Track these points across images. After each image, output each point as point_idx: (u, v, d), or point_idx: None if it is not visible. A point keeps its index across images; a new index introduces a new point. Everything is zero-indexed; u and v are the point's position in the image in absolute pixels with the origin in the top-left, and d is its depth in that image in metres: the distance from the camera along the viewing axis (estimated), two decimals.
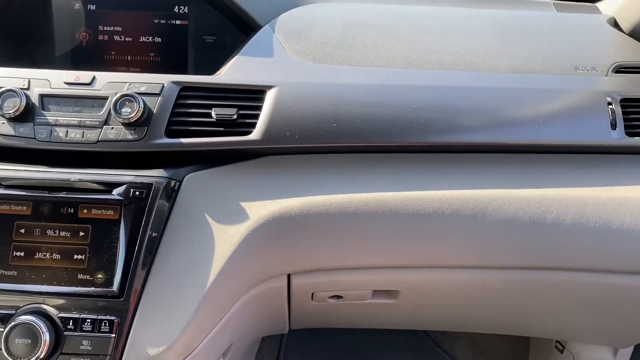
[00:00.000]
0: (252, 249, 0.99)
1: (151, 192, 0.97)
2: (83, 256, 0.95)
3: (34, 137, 0.99)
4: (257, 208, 1.00)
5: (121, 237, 0.95)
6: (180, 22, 1.26)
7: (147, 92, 1.00)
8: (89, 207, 0.97)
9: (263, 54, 1.08)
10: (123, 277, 0.94)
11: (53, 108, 1.01)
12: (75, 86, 1.02)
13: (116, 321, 0.93)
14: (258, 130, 1.01)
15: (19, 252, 0.95)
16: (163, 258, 0.96)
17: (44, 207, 0.97)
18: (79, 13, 1.27)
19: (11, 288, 0.94)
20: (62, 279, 0.95)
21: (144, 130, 0.99)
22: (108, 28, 1.27)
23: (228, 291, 1.00)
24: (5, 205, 0.97)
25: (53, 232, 0.96)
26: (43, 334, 0.89)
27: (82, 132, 0.99)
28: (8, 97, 0.99)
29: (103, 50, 1.28)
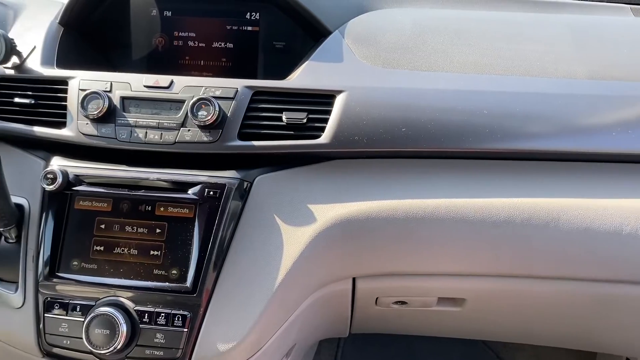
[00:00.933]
0: (319, 251, 1.01)
1: (224, 192, 1.00)
2: (159, 252, 0.99)
3: (115, 137, 1.04)
4: (324, 211, 1.02)
5: (195, 235, 0.99)
6: (251, 29, 1.29)
7: (221, 96, 1.04)
8: (165, 205, 1.01)
9: (333, 59, 1.09)
10: (196, 273, 0.97)
11: (133, 110, 1.06)
12: (154, 89, 1.07)
13: (189, 316, 0.96)
14: (327, 134, 1.02)
15: (99, 246, 1.00)
16: (234, 257, 0.99)
17: (124, 204, 1.02)
18: (156, 19, 1.32)
19: (91, 280, 0.99)
20: (138, 273, 0.99)
21: (219, 133, 1.02)
22: (183, 34, 1.32)
23: (295, 291, 1.02)
24: (87, 201, 1.02)
25: (131, 228, 1.01)
26: (121, 325, 0.94)
27: (160, 134, 1.03)
28: (92, 99, 1.04)
29: (177, 55, 1.33)
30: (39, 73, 1.12)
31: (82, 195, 1.02)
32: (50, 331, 0.98)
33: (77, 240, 1.01)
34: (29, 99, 1.10)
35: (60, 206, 1.02)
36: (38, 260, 1.01)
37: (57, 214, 1.02)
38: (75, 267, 1.00)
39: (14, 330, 1.01)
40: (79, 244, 1.01)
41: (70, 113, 1.07)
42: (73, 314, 0.98)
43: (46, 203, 1.03)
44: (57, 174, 1.00)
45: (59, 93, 1.09)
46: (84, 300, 0.98)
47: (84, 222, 1.02)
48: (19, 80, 1.12)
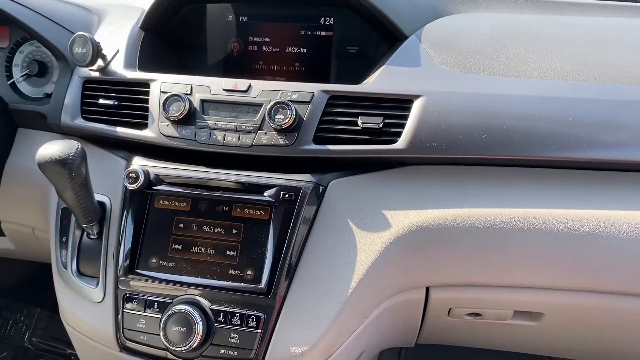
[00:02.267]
0: (393, 258, 0.99)
1: (299, 195, 1.00)
2: (235, 252, 1.00)
3: (194, 139, 1.07)
4: (400, 217, 1.00)
5: (270, 236, 0.99)
6: (325, 33, 1.30)
7: (298, 100, 1.04)
8: (242, 207, 1.02)
9: (410, 63, 1.08)
10: (271, 275, 0.97)
11: (212, 113, 1.08)
12: (233, 93, 1.08)
13: (263, 317, 0.96)
14: (404, 139, 1.01)
15: (177, 245, 1.03)
16: (308, 260, 0.99)
17: (202, 205, 1.03)
18: (231, 24, 1.35)
19: (169, 278, 1.01)
20: (214, 272, 1.00)
21: (294, 137, 1.03)
22: (257, 39, 1.33)
23: (369, 298, 1.00)
24: (167, 201, 1.05)
25: (209, 228, 1.02)
26: (197, 323, 0.95)
27: (237, 136, 1.05)
28: (173, 101, 1.07)
29: (251, 59, 1.35)
30: (122, 76, 1.16)
31: (162, 195, 1.05)
32: (128, 326, 1.01)
33: (156, 238, 1.04)
34: (112, 101, 1.14)
35: (141, 205, 1.05)
36: (118, 257, 1.04)
37: (138, 212, 1.05)
38: (154, 264, 1.02)
39: (93, 323, 1.05)
40: (157, 242, 1.03)
41: (151, 114, 1.10)
42: (150, 311, 1.00)
43: (127, 201, 1.06)
44: (139, 174, 1.03)
45: (141, 95, 1.13)
46: (161, 297, 1.00)
47: (163, 220, 1.04)
48: (103, 83, 1.17)
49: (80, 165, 0.94)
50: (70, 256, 1.08)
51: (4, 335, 2.05)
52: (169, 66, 1.27)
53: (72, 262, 1.07)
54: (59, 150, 0.91)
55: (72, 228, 1.10)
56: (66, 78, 1.21)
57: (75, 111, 1.17)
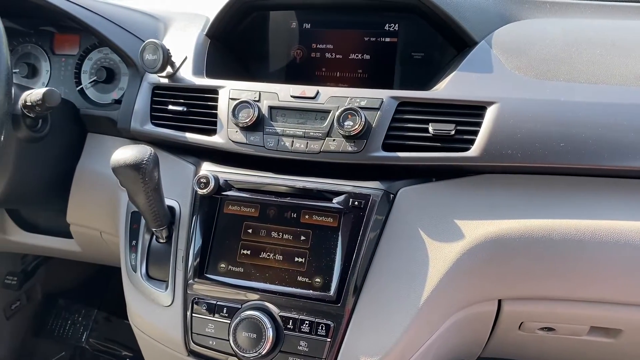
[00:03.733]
0: (466, 269, 0.97)
1: (369, 203, 0.99)
2: (303, 259, 1.00)
3: (262, 145, 1.07)
4: (473, 227, 0.98)
5: (339, 244, 0.98)
6: (389, 40, 1.29)
7: (367, 107, 1.03)
8: (310, 213, 1.01)
9: (482, 69, 1.06)
10: (340, 283, 0.96)
11: (280, 119, 1.08)
12: (301, 99, 1.08)
13: (332, 326, 0.95)
14: (477, 147, 0.98)
15: (245, 250, 1.03)
16: (378, 269, 0.98)
17: (270, 211, 1.04)
18: (295, 31, 1.36)
19: (238, 283, 1.01)
20: (283, 279, 1.00)
21: (363, 143, 1.02)
22: (321, 46, 1.33)
23: (440, 310, 0.98)
24: (236, 206, 1.05)
25: (277, 234, 1.02)
26: (267, 329, 0.95)
27: (306, 143, 1.05)
28: (243, 108, 1.08)
29: (314, 66, 1.35)
30: (191, 82, 1.17)
31: (231, 200, 1.05)
32: (197, 331, 1.01)
33: (224, 243, 1.04)
34: (181, 107, 1.16)
35: (210, 210, 1.06)
36: (187, 261, 1.05)
37: (207, 217, 1.06)
38: (223, 269, 1.03)
39: (162, 327, 1.06)
40: (226, 247, 1.04)
41: (220, 121, 1.11)
42: (219, 315, 1.00)
43: (196, 206, 1.07)
44: (210, 179, 1.04)
45: (209, 102, 1.14)
46: (230, 302, 1.01)
47: (232, 226, 1.05)
48: (172, 89, 1.18)
49: (153, 170, 0.95)
50: (139, 260, 1.10)
51: (63, 335, 2.11)
52: (232, 73, 1.28)
53: (142, 266, 1.09)
54: (133, 155, 0.93)
55: (141, 232, 1.11)
56: (136, 84, 1.23)
57: (144, 117, 1.19)
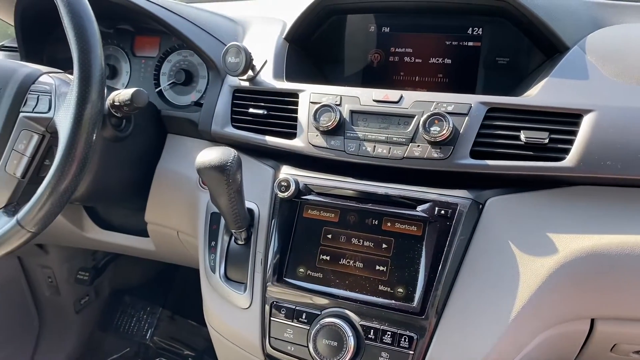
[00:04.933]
0: (558, 286, 0.91)
1: (456, 212, 0.96)
2: (385, 268, 0.97)
3: (343, 150, 1.05)
4: (567, 241, 0.92)
5: (423, 254, 0.95)
6: (472, 44, 1.25)
7: (454, 112, 1.00)
8: (392, 221, 0.99)
9: (577, 75, 1.00)
10: (424, 294, 0.93)
11: (361, 124, 1.06)
12: (384, 104, 1.06)
13: (415, 338, 0.92)
14: (572, 157, 0.93)
15: (325, 255, 1.01)
16: (464, 281, 0.94)
17: (350, 216, 1.02)
18: (372, 35, 1.34)
19: (317, 289, 1.00)
20: (363, 287, 0.98)
21: (450, 150, 0.98)
22: (399, 50, 1.31)
23: (529, 327, 0.93)
24: (315, 210, 1.04)
25: (357, 241, 1.00)
26: (348, 338, 0.93)
27: (388, 148, 1.02)
28: (324, 111, 1.06)
29: (392, 70, 1.32)
30: (271, 86, 1.17)
31: (311, 204, 1.04)
32: (275, 335, 1.01)
33: (303, 247, 1.03)
34: (262, 110, 1.16)
35: (290, 213, 1.05)
36: (266, 264, 1.04)
37: (286, 221, 1.05)
38: (301, 274, 1.02)
39: (239, 329, 1.06)
40: (305, 251, 1.03)
41: (300, 124, 1.10)
42: (299, 321, 0.99)
43: (276, 209, 1.07)
44: (291, 182, 1.03)
45: (290, 105, 1.14)
46: (309, 307, 0.99)
47: (311, 230, 1.03)
48: (253, 92, 1.19)
49: (236, 172, 0.95)
50: (218, 261, 1.10)
51: (128, 331, 2.16)
52: (309, 76, 1.28)
53: (220, 267, 1.09)
54: (217, 157, 0.93)
55: (221, 233, 1.12)
56: (216, 87, 1.25)
57: (225, 119, 1.20)
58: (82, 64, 0.88)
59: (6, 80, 0.98)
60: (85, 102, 0.88)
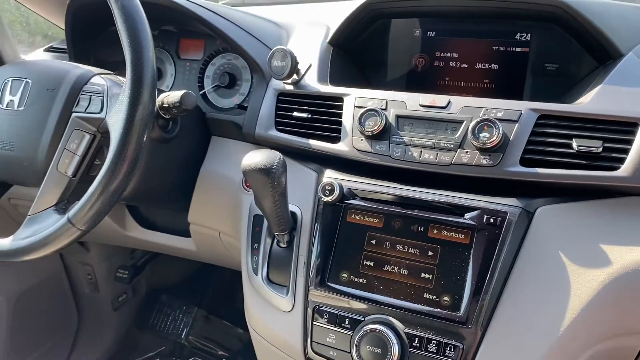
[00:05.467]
0: (612, 299, 0.89)
1: (505, 220, 0.94)
2: (430, 275, 0.96)
3: (388, 154, 1.04)
4: (621, 253, 0.90)
5: (470, 262, 0.94)
6: (520, 50, 1.22)
7: (504, 118, 0.98)
8: (439, 228, 0.97)
9: (632, 83, 0.97)
10: (471, 304, 0.91)
11: (407, 129, 1.05)
12: (431, 109, 1.05)
13: (461, 348, 0.91)
14: (627, 166, 0.90)
15: (369, 261, 1.00)
16: (513, 291, 0.92)
17: (395, 222, 1.01)
18: (417, 40, 1.32)
19: (360, 295, 0.99)
20: (408, 294, 0.96)
21: (499, 157, 0.96)
22: (445, 54, 1.29)
23: (579, 341, 0.91)
24: (359, 215, 1.03)
25: (402, 248, 0.99)
26: (393, 345, 0.92)
27: (435, 154, 1.01)
28: (369, 116, 1.06)
29: (436, 75, 1.31)
30: (316, 89, 1.17)
31: (355, 209, 1.04)
32: (317, 340, 1.00)
33: (347, 252, 1.02)
34: (306, 114, 1.16)
35: (333, 218, 1.05)
36: (309, 268, 1.04)
37: (329, 225, 1.05)
38: (345, 279, 1.01)
39: (280, 332, 1.06)
40: (348, 256, 1.02)
41: (344, 128, 1.10)
42: (341, 326, 0.98)
43: (319, 213, 1.06)
44: (335, 187, 1.03)
45: (334, 109, 1.13)
46: (352, 313, 0.99)
47: (355, 235, 1.03)
48: (297, 96, 1.19)
49: (281, 175, 0.95)
50: (261, 263, 1.10)
51: (164, 330, 2.19)
52: (352, 81, 1.27)
53: (263, 269, 1.09)
54: (263, 160, 0.93)
55: (263, 235, 1.12)
56: (261, 90, 1.25)
57: (269, 123, 1.20)
58: (134, 65, 0.89)
59: (60, 80, 1.01)
60: (137, 103, 0.89)
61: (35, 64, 1.07)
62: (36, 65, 1.06)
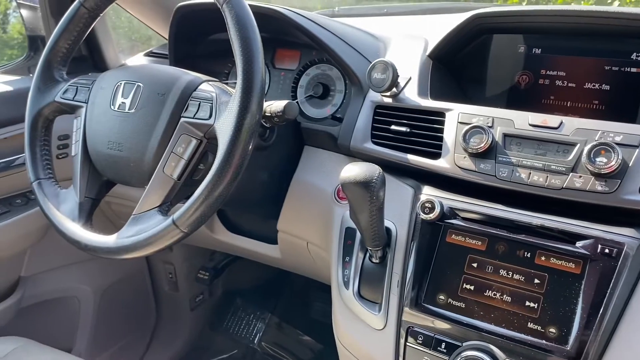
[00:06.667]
0: None
1: (622, 252, 0.87)
2: (536, 305, 0.91)
3: (494, 174, 1.00)
4: None
5: (581, 294, 0.88)
6: (636, 70, 1.15)
7: (622, 143, 0.92)
8: (547, 255, 0.92)
9: None
10: (581, 338, 0.86)
11: (514, 148, 1.01)
12: (541, 129, 1.00)
13: None
14: None
15: (468, 285, 0.97)
16: (628, 329, 0.85)
17: (500, 246, 0.96)
18: (521, 56, 1.27)
19: (458, 319, 0.95)
20: (510, 322, 0.92)
21: (616, 184, 0.90)
22: (551, 72, 1.24)
23: None
24: (460, 236, 1.00)
25: (506, 273, 0.95)
26: None
27: (545, 177, 0.96)
28: (475, 133, 1.02)
29: (541, 93, 1.25)
30: (416, 103, 1.15)
31: (456, 229, 1.00)
32: None
33: (445, 274, 0.99)
34: (404, 127, 1.14)
35: (431, 237, 1.02)
36: (403, 287, 1.01)
37: (427, 244, 1.02)
38: (442, 301, 0.98)
39: (370, 350, 1.03)
40: (446, 278, 0.99)
41: (446, 145, 1.07)
42: (437, 350, 0.95)
43: (417, 231, 1.04)
44: (435, 204, 1.00)
45: (435, 124, 1.10)
46: (449, 337, 0.95)
47: (454, 256, 0.99)
48: (396, 109, 1.17)
49: (380, 189, 0.93)
50: (352, 277, 1.08)
51: (237, 333, 2.21)
52: (452, 95, 1.24)
53: (354, 284, 1.08)
54: (363, 173, 0.92)
55: (355, 249, 1.10)
56: (357, 102, 1.24)
57: (365, 135, 1.19)
58: (245, 74, 0.90)
59: (170, 86, 1.03)
60: (246, 112, 0.90)
61: (146, 69, 1.11)
62: (147, 70, 1.09)
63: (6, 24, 1.82)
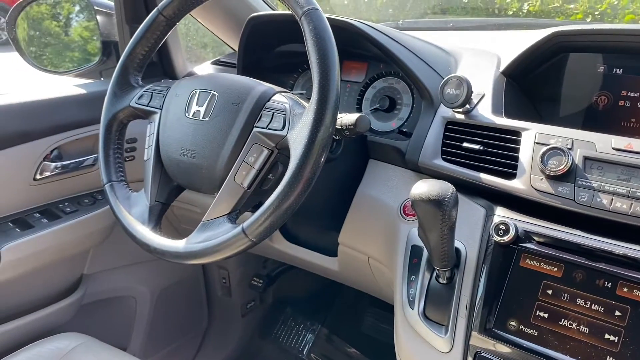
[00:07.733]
0: None
1: None
2: (616, 338, 0.86)
3: (572, 199, 0.96)
4: None
5: None
6: None
7: None
8: (630, 287, 0.88)
9: None
10: None
11: (595, 172, 0.97)
12: (625, 153, 0.95)
13: None
14: None
15: (542, 312, 0.93)
16: None
17: (577, 274, 0.92)
18: (599, 76, 1.22)
19: (531, 347, 0.92)
20: (587, 355, 0.87)
21: None
22: (633, 94, 1.18)
23: None
24: (535, 261, 0.96)
25: (584, 303, 0.90)
26: None
27: (630, 204, 0.91)
28: (554, 154, 0.99)
29: (620, 115, 1.20)
30: (490, 121, 1.12)
31: (530, 254, 0.96)
32: None
33: (517, 299, 0.95)
34: (477, 145, 1.11)
35: (504, 260, 0.98)
36: (472, 310, 0.98)
37: (499, 268, 0.98)
38: (513, 327, 0.94)
39: None
40: (519, 304, 0.95)
41: (521, 165, 1.03)
42: None
43: (489, 253, 1.00)
44: (510, 227, 0.97)
45: (510, 143, 1.07)
46: None
47: (528, 282, 0.95)
48: (469, 126, 1.14)
49: (452, 208, 0.90)
50: (417, 297, 1.06)
51: (286, 343, 2.21)
52: (525, 114, 1.20)
53: (420, 304, 1.05)
54: (435, 190, 0.90)
55: (422, 268, 1.08)
56: (427, 118, 1.22)
57: (435, 151, 1.17)
58: (322, 87, 0.90)
59: (244, 96, 1.04)
60: (320, 125, 0.90)
61: (220, 78, 1.12)
62: (222, 80, 1.11)
63: (69, 27, 1.90)
